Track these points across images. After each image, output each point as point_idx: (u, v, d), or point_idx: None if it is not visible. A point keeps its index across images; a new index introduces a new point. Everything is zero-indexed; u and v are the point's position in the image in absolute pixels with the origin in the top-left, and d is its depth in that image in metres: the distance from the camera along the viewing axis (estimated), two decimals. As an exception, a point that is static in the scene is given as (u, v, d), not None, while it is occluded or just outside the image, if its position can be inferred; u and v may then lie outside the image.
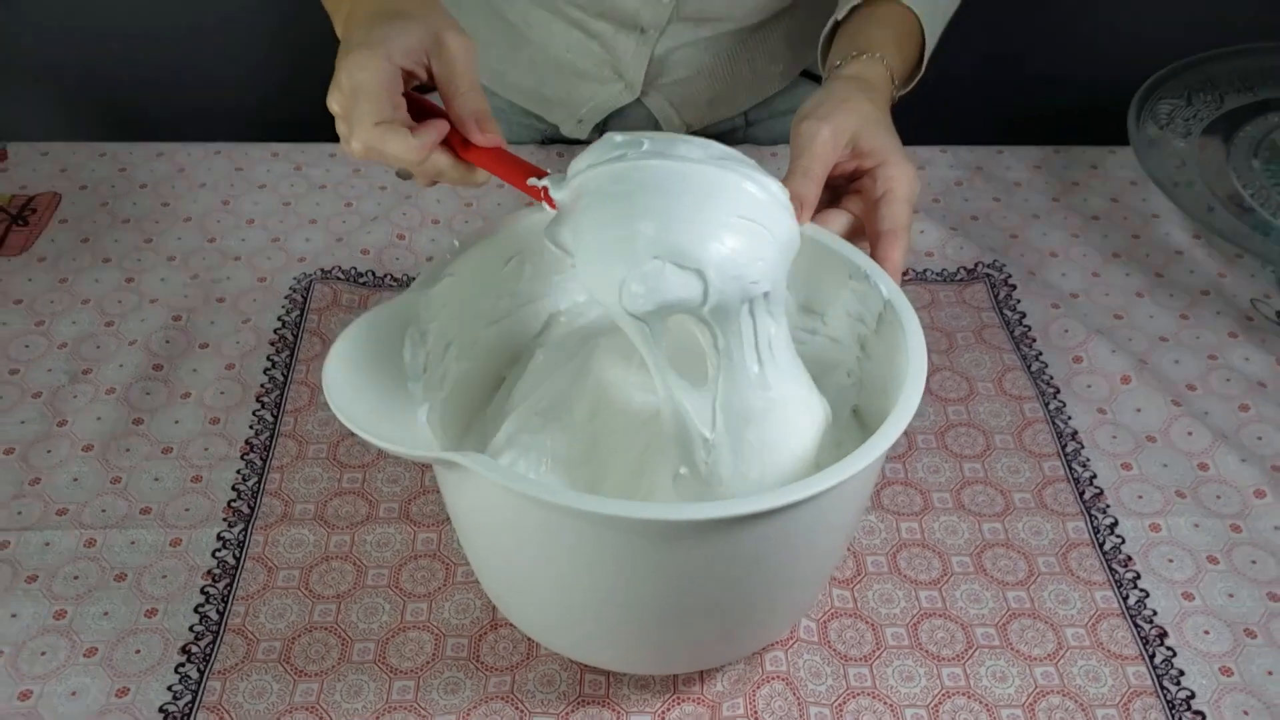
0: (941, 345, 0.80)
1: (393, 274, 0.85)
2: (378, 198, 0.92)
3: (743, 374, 0.54)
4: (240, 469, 0.70)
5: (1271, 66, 0.94)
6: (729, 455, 0.54)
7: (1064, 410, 0.76)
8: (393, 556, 0.66)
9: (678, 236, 0.51)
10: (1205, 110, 0.90)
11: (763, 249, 0.53)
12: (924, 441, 0.73)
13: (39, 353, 0.78)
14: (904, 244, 0.61)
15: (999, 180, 0.96)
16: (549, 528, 0.49)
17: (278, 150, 0.97)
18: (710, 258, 0.51)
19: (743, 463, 0.54)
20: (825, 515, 0.51)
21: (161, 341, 0.79)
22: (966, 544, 0.67)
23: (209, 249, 0.87)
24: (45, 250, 0.87)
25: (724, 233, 0.52)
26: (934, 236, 0.89)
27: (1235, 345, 0.81)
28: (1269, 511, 0.69)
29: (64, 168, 0.95)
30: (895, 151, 0.64)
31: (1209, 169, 0.85)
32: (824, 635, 0.62)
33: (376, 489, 0.69)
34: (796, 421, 0.55)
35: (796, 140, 0.63)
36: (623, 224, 0.52)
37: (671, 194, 0.52)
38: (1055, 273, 0.87)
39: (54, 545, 0.65)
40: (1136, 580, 0.65)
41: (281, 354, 0.78)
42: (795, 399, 0.56)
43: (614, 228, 0.52)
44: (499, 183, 0.93)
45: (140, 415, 0.74)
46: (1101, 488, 0.70)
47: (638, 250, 0.51)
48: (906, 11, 0.75)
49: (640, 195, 0.52)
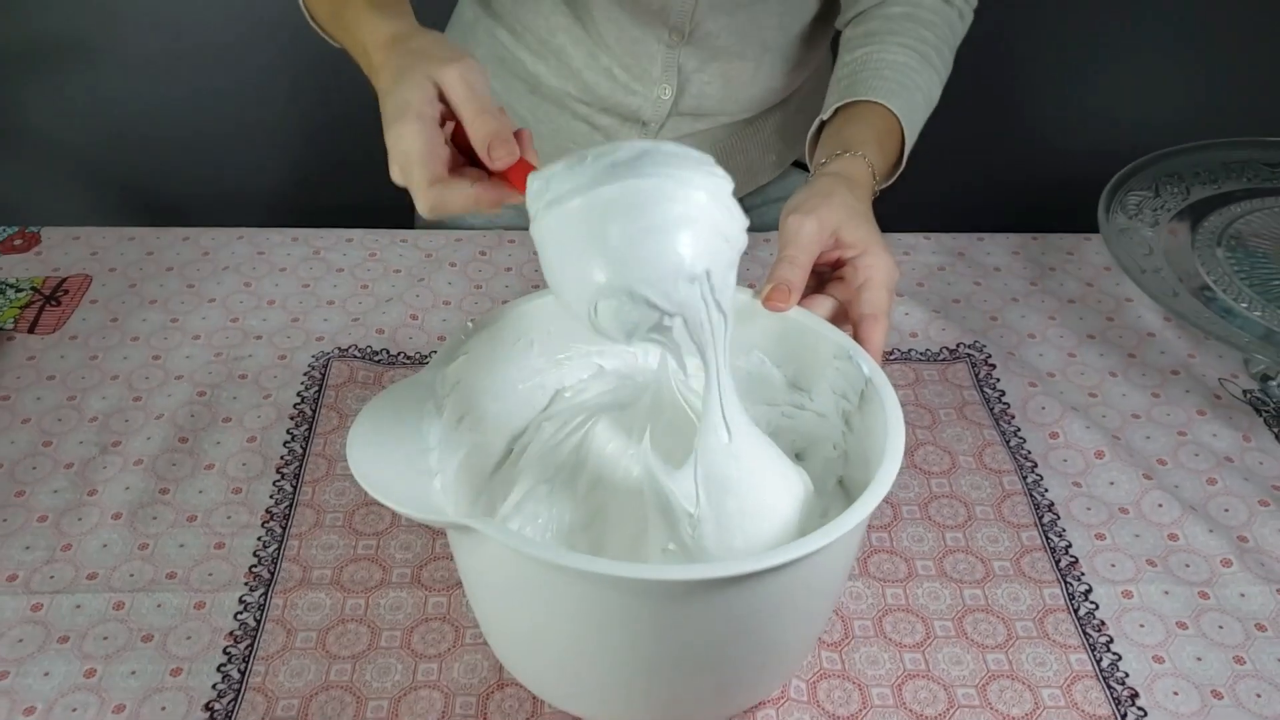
0: (925, 421, 0.85)
1: (406, 352, 0.90)
2: (392, 280, 0.97)
3: (716, 442, 0.58)
4: (261, 536, 0.74)
5: (1233, 160, 1.00)
6: (713, 528, 0.58)
7: (1041, 483, 0.80)
8: (405, 619, 0.69)
9: (627, 277, 0.53)
10: (1172, 201, 0.96)
11: (712, 245, 0.55)
12: (908, 512, 0.77)
13: (71, 426, 0.82)
14: (884, 327, 0.66)
15: (979, 265, 1.01)
16: (554, 587, 0.53)
17: (297, 235, 1.03)
18: (662, 289, 0.54)
19: (726, 534, 0.58)
20: (810, 578, 0.55)
21: (187, 415, 0.83)
22: (948, 609, 0.71)
23: (232, 328, 0.92)
24: (77, 329, 0.92)
25: (673, 250, 0.54)
26: (918, 318, 0.94)
27: (1204, 422, 0.85)
28: (1235, 579, 0.73)
29: (94, 251, 1.01)
30: (875, 243, 0.69)
31: (1176, 256, 0.91)
32: (813, 695, 0.65)
33: (390, 555, 0.73)
34: (775, 491, 0.59)
35: (784, 232, 0.69)
36: (579, 266, 0.54)
37: (625, 221, 0.53)
38: (1033, 353, 0.92)
39: (84, 608, 0.69)
40: (1110, 644, 0.69)
41: (300, 428, 0.82)
42: (770, 470, 0.60)
43: (572, 269, 0.55)
44: (507, 265, 0.98)
45: (166, 485, 0.78)
46: (1076, 556, 0.74)
47: (594, 293, 0.54)
48: (887, 111, 0.81)
49: (592, 236, 0.54)
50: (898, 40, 0.87)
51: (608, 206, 0.54)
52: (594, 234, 0.54)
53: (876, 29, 0.89)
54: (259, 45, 1.54)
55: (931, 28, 0.89)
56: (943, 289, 0.99)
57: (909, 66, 0.86)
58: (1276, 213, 0.96)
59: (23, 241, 1.02)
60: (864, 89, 0.84)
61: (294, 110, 1.49)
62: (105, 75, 1.48)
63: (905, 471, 0.80)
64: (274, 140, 1.51)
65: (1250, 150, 1.01)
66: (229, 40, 1.56)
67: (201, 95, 1.48)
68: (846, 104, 0.84)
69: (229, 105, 1.44)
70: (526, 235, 1.02)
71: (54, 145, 1.48)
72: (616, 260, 0.53)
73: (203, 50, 1.54)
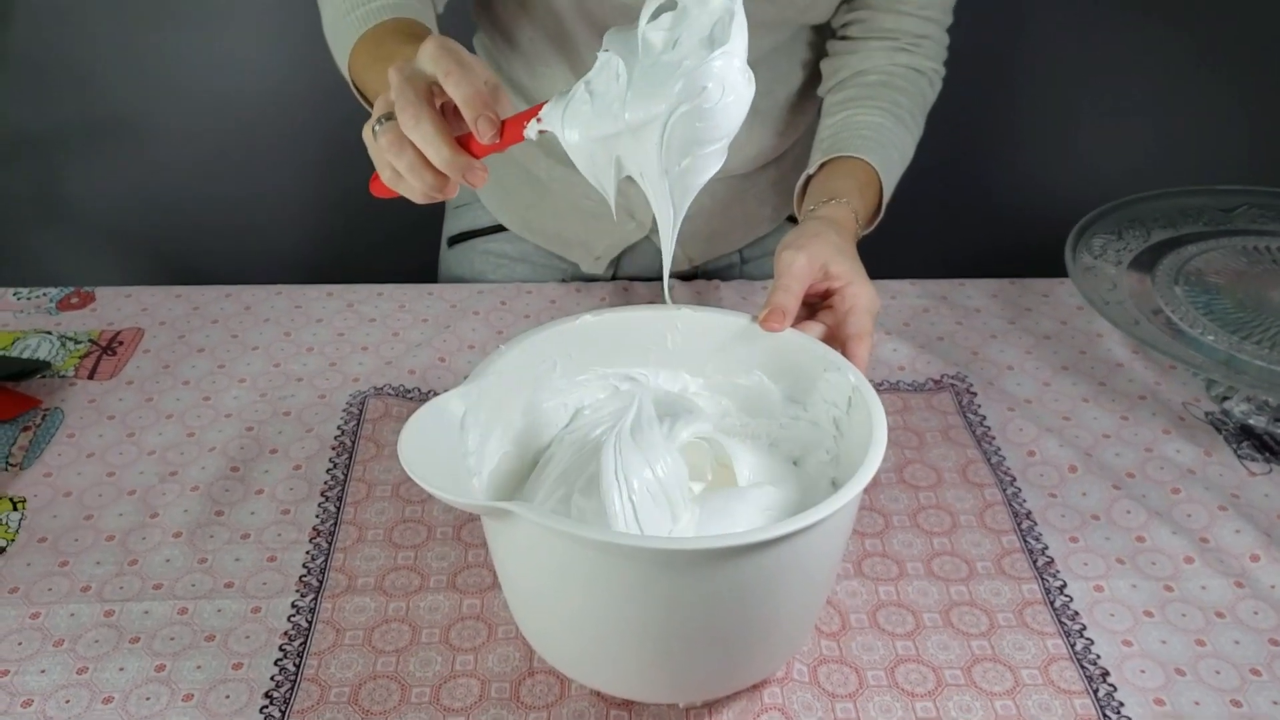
0: (913, 443, 0.92)
1: (436, 390, 0.98)
2: (420, 328, 1.06)
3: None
4: (309, 550, 0.81)
5: (1190, 206, 1.09)
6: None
7: (1020, 495, 0.87)
8: (442, 619, 0.76)
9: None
10: (1134, 243, 1.05)
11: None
12: (898, 521, 0.85)
13: (131, 459, 0.90)
14: (868, 345, 0.75)
15: (961, 307, 1.10)
16: (578, 560, 0.60)
17: (332, 290, 1.12)
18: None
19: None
20: (813, 547, 0.62)
21: (237, 448, 0.91)
22: (936, 603, 0.78)
23: (274, 372, 1.00)
24: (132, 375, 1.00)
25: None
26: (905, 353, 1.02)
27: (1169, 440, 0.93)
28: (1197, 574, 0.80)
29: (145, 307, 1.09)
30: (859, 275, 0.79)
31: (1138, 292, 0.99)
32: (814, 677, 0.72)
33: (427, 564, 0.80)
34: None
35: (779, 264, 0.78)
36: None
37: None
38: (1011, 382, 1.00)
39: (152, 613, 0.76)
40: (1083, 631, 0.76)
41: (341, 457, 0.90)
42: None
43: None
44: (525, 314, 1.07)
45: (221, 508, 0.85)
46: (1052, 557, 0.82)
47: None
48: (867, 165, 0.91)
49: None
50: (875, 104, 0.97)
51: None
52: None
53: (855, 95, 0.99)
54: (294, 120, 1.66)
55: (905, 93, 0.99)
56: (927, 328, 1.07)
57: (885, 127, 0.96)
58: (1229, 251, 1.05)
59: (79, 300, 1.10)
60: (846, 146, 0.94)
61: (327, 180, 1.59)
62: (152, 148, 1.60)
63: (895, 486, 0.88)
64: (308, 208, 1.61)
65: (1204, 197, 1.10)
66: (266, 115, 1.68)
67: (240, 166, 1.59)
68: (830, 159, 0.93)
69: (267, 175, 1.55)
70: (543, 287, 1.11)
71: (106, 213, 1.58)
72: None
73: (241, 125, 1.66)
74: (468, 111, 0.65)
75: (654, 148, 0.63)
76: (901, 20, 0.99)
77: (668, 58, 0.62)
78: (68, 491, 0.86)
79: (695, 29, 0.62)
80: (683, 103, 0.61)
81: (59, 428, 0.93)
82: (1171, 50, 1.71)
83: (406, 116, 0.65)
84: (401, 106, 0.65)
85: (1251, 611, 0.77)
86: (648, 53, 0.63)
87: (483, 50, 1.09)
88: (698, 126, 0.62)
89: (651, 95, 0.61)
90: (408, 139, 0.66)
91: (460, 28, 0.97)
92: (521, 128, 0.67)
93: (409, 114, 0.65)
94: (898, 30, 0.99)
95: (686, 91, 0.61)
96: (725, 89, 0.61)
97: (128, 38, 1.65)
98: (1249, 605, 0.77)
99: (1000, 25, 1.64)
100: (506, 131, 0.67)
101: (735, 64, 0.61)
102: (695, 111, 0.61)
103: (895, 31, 0.99)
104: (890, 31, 1.00)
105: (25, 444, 0.91)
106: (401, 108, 0.65)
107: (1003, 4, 1.60)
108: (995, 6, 1.58)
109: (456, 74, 0.65)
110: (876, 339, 1.02)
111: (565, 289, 1.12)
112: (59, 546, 0.81)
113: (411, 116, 0.65)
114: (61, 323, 1.07)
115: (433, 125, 0.65)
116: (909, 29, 0.99)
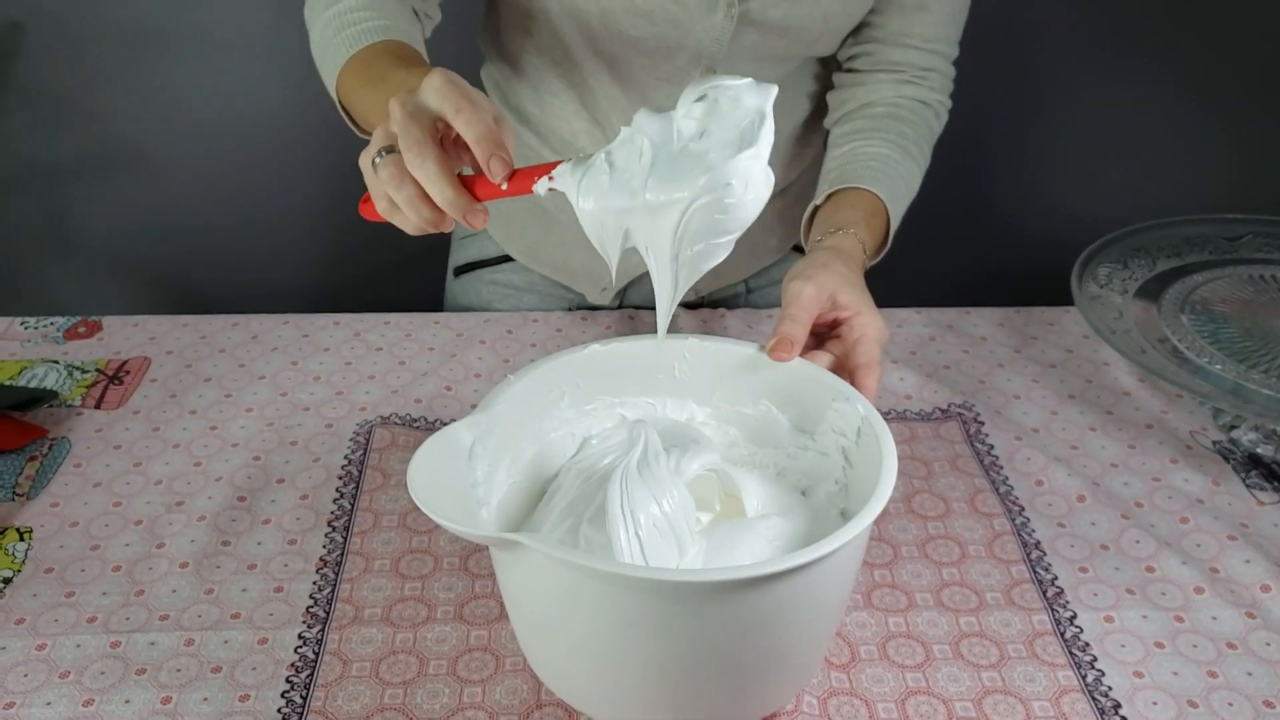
0: (921, 472, 0.92)
1: (443, 419, 0.98)
2: (427, 357, 1.06)
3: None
4: (316, 580, 0.81)
5: (1195, 235, 1.09)
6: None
7: (1029, 524, 0.87)
8: (450, 650, 0.76)
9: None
10: (1140, 272, 1.05)
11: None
12: (907, 551, 0.84)
13: (138, 489, 0.90)
14: (877, 374, 0.75)
15: (967, 335, 1.10)
16: (587, 591, 0.60)
17: (339, 320, 1.12)
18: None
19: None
20: (822, 579, 0.62)
21: (244, 477, 0.91)
22: (946, 634, 0.77)
23: (281, 401, 1.00)
24: (139, 404, 1.00)
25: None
26: (912, 382, 1.02)
27: (1176, 469, 0.93)
28: (1208, 604, 0.79)
29: (152, 336, 1.10)
30: (867, 305, 0.79)
31: (1144, 320, 0.99)
32: (824, 709, 0.72)
33: (434, 595, 0.80)
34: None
35: (787, 295, 0.78)
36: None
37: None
38: (1018, 411, 1.00)
39: (158, 644, 0.76)
40: (1094, 662, 0.75)
41: (348, 486, 0.90)
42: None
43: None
44: (532, 342, 1.07)
45: (228, 538, 0.85)
46: (1062, 587, 0.81)
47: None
48: (873, 196, 0.92)
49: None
50: (881, 136, 0.98)
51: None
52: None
53: (862, 126, 0.99)
54: (299, 149, 1.67)
55: (911, 125, 0.99)
56: (934, 356, 1.07)
57: (891, 158, 0.96)
58: (1235, 280, 1.05)
59: (86, 329, 1.11)
60: (852, 177, 0.94)
61: (332, 209, 1.60)
62: (159, 178, 1.61)
63: (904, 517, 0.87)
64: (314, 237, 1.62)
65: (1209, 226, 1.11)
66: (271, 144, 1.69)
67: (246, 195, 1.60)
68: (837, 190, 0.94)
69: (272, 204, 1.56)
70: (549, 315, 1.11)
71: (113, 242, 1.59)
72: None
73: (247, 154, 1.68)
74: (480, 150, 0.65)
75: (668, 230, 0.64)
76: (907, 53, 1.00)
77: (695, 146, 0.64)
78: (74, 521, 0.86)
79: (726, 124, 0.64)
80: (705, 194, 0.63)
81: (66, 457, 0.93)
82: (1175, 81, 1.72)
83: (412, 154, 0.65)
84: (407, 143, 0.65)
85: (1264, 643, 0.76)
86: (678, 139, 0.64)
87: (490, 82, 1.10)
88: (716, 218, 0.64)
89: (675, 180, 0.63)
90: (409, 174, 0.66)
91: (463, 58, 0.98)
92: (532, 180, 0.68)
93: (414, 151, 0.65)
94: (904, 63, 1.00)
95: (711, 184, 0.62)
96: (748, 187, 0.63)
97: (134, 69, 1.67)
98: (1261, 636, 0.77)
99: (1007, 56, 1.65)
100: (515, 180, 0.67)
101: (760, 165, 0.63)
102: (716, 204, 0.63)
103: (901, 64, 1.00)
104: (896, 64, 1.00)
105: (32, 474, 0.91)
106: (407, 144, 0.65)
107: (1009, 35, 1.61)
108: (1002, 38, 1.59)
109: (469, 112, 0.65)
110: (883, 368, 1.02)
111: (571, 318, 1.12)
112: (65, 577, 0.81)
113: (417, 154, 0.65)
114: (69, 352, 1.07)
115: (437, 165, 0.65)
116: (915, 62, 1.00)
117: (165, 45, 1.63)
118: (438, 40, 0.96)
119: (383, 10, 0.87)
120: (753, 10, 0.90)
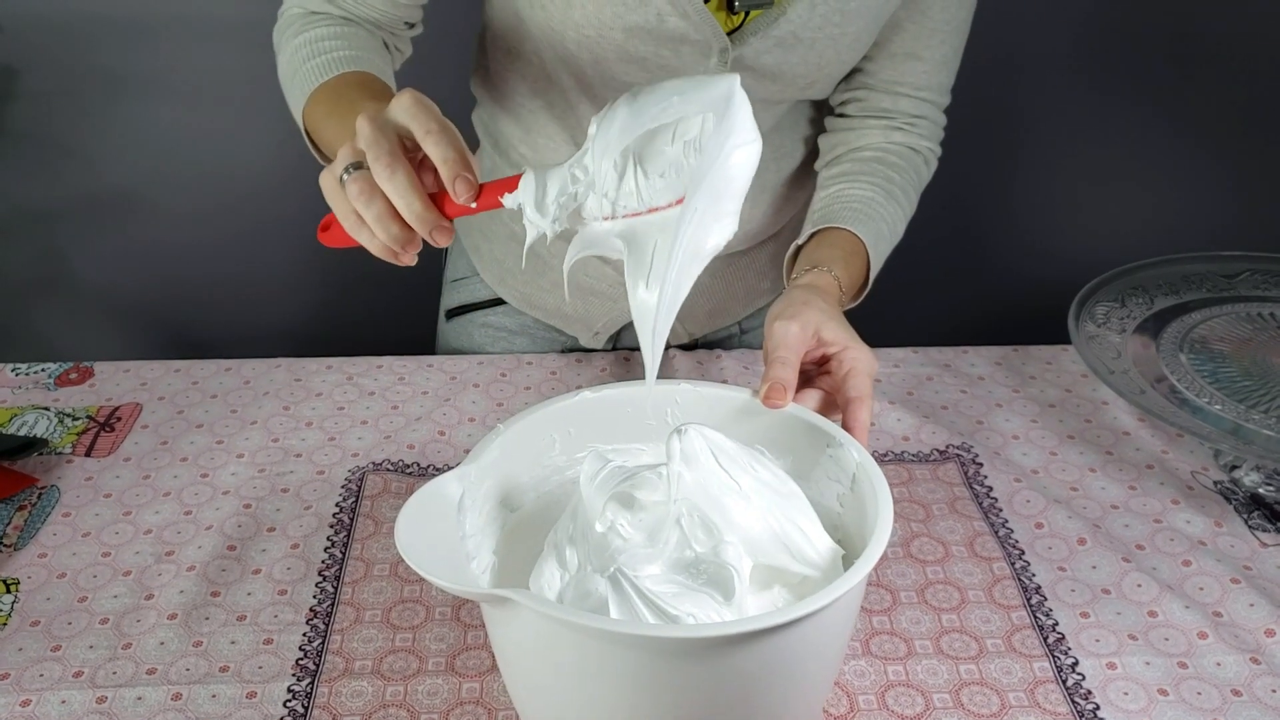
0: (919, 515, 0.91)
1: (435, 465, 0.97)
2: (420, 401, 1.05)
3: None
4: (306, 632, 0.80)
5: (1193, 273, 1.09)
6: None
7: (1029, 569, 0.86)
8: (441, 704, 0.75)
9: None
10: (1137, 310, 1.04)
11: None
12: (906, 597, 0.83)
13: (127, 538, 0.89)
14: (868, 407, 0.75)
15: (965, 375, 1.09)
16: (582, 648, 0.59)
17: (331, 363, 1.11)
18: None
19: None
20: (820, 631, 0.60)
21: (234, 526, 0.90)
22: (946, 683, 0.76)
23: (273, 447, 1.00)
24: (130, 452, 0.99)
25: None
26: (909, 423, 1.01)
27: (1178, 510, 0.92)
28: (1212, 650, 0.78)
29: (143, 382, 1.09)
30: (853, 338, 0.79)
31: (1143, 359, 0.98)
32: (822, 762, 0.70)
33: (425, 646, 0.79)
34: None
35: (772, 336, 0.78)
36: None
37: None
38: (1017, 452, 0.99)
39: (145, 699, 0.75)
40: (1096, 710, 0.74)
41: (339, 534, 0.89)
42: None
43: None
44: (526, 385, 1.07)
45: (217, 589, 0.84)
46: (1063, 633, 0.80)
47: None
48: (853, 237, 0.92)
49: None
50: (867, 179, 0.98)
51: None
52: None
53: (849, 169, 1.00)
54: (291, 194, 1.66)
55: (898, 170, 1.00)
56: (931, 397, 1.06)
57: (875, 201, 0.96)
58: (1234, 318, 1.04)
59: (78, 375, 1.10)
60: (834, 218, 0.94)
61: (324, 252, 1.60)
62: (151, 224, 1.61)
63: (902, 561, 0.86)
64: (306, 281, 1.62)
65: (1207, 264, 1.10)
66: (263, 190, 1.69)
67: (238, 240, 1.59)
68: (819, 230, 0.94)
69: (264, 249, 1.56)
70: (543, 358, 1.10)
71: (105, 288, 1.59)
72: None
73: (239, 199, 1.68)
74: (445, 170, 0.65)
75: (647, 242, 0.65)
76: (898, 101, 1.00)
77: (669, 150, 0.63)
78: (62, 573, 0.85)
79: (694, 120, 0.63)
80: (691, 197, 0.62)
81: (55, 506, 0.92)
82: (1170, 119, 1.73)
83: (381, 167, 0.64)
84: (375, 156, 0.65)
85: (1269, 689, 0.75)
86: (646, 140, 0.64)
87: (481, 125, 1.10)
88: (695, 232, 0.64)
89: (653, 187, 0.63)
90: (379, 189, 0.65)
91: (454, 101, 0.98)
92: (498, 196, 0.67)
93: (384, 164, 0.64)
94: (894, 110, 1.00)
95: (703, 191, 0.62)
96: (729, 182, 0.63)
97: (126, 114, 1.67)
98: (1266, 682, 0.76)
99: (1001, 98, 1.65)
100: (482, 196, 0.67)
101: (742, 151, 0.63)
102: (691, 210, 0.63)
103: (892, 111, 1.00)
104: (887, 111, 1.00)
105: (20, 523, 0.90)
106: (375, 157, 0.65)
107: (1003, 78, 1.61)
108: (996, 80, 1.60)
109: (438, 133, 0.65)
110: (879, 409, 1.01)
111: (566, 360, 1.11)
112: (51, 630, 0.80)
113: (386, 167, 0.64)
114: (60, 399, 1.06)
115: (407, 178, 0.65)
116: (905, 109, 1.00)
117: (157, 91, 1.64)
118: (429, 85, 0.95)
119: (353, 42, 0.88)
120: (746, 56, 0.90)
